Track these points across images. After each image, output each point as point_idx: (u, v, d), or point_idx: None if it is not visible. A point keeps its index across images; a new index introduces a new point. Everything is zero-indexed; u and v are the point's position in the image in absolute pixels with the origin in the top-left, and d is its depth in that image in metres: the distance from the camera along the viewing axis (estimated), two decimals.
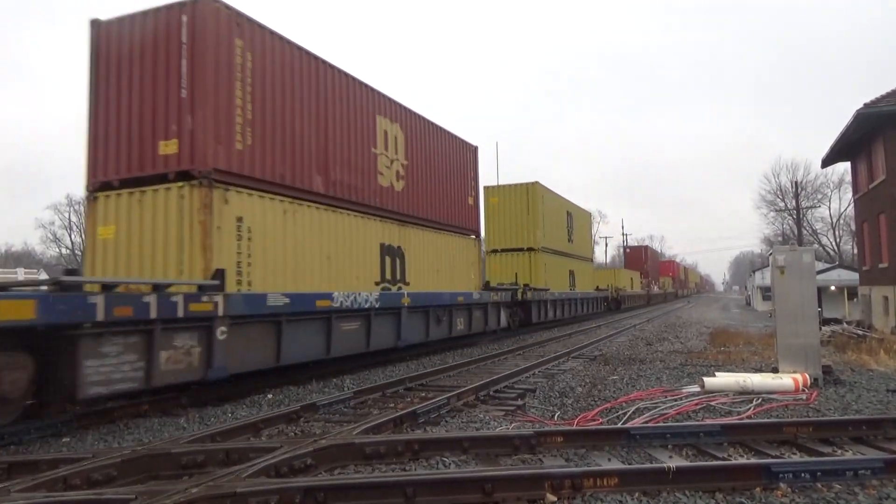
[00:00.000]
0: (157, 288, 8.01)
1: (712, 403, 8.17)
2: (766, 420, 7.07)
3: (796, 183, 53.29)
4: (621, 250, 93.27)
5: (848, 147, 24.24)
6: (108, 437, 7.24)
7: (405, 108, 14.92)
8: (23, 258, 76.91)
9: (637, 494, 4.61)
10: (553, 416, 7.82)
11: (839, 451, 5.96)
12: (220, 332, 8.74)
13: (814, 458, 5.54)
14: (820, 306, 16.20)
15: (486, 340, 19.13)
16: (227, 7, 9.55)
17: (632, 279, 51.13)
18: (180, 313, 8.06)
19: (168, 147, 9.21)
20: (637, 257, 62.28)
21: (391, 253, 13.81)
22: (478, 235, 19.18)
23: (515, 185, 25.39)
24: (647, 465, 5.34)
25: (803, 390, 8.93)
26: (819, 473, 4.87)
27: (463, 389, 9.11)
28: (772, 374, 9.66)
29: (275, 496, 4.22)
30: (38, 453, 6.39)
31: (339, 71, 12.37)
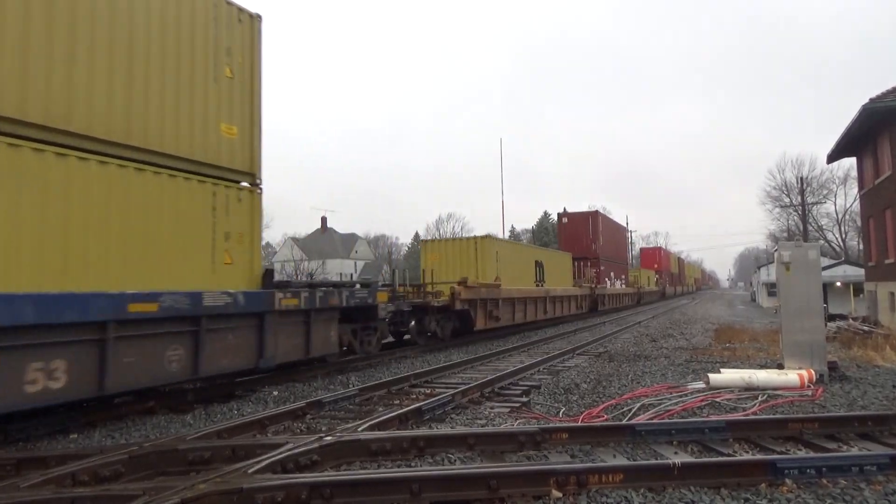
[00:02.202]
0: None
1: (717, 400, 8.17)
2: (771, 416, 7.06)
3: (801, 179, 52.99)
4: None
5: (854, 142, 24.12)
6: (115, 434, 7.29)
7: None
8: None
9: (642, 490, 4.62)
10: (558, 412, 7.83)
11: (845, 447, 5.96)
12: None
13: (819, 454, 5.53)
14: (825, 302, 16.15)
15: None
16: None
17: (541, 269, 25.54)
18: None
19: None
20: (577, 233, 35.63)
21: None
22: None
23: None
24: (652, 462, 5.34)
25: (809, 386, 8.92)
26: (824, 469, 4.86)
27: (468, 386, 9.13)
28: (777, 371, 9.65)
29: (281, 492, 4.24)
30: (47, 450, 6.44)
31: None
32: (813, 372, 9.38)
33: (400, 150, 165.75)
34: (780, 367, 10.14)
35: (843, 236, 66.02)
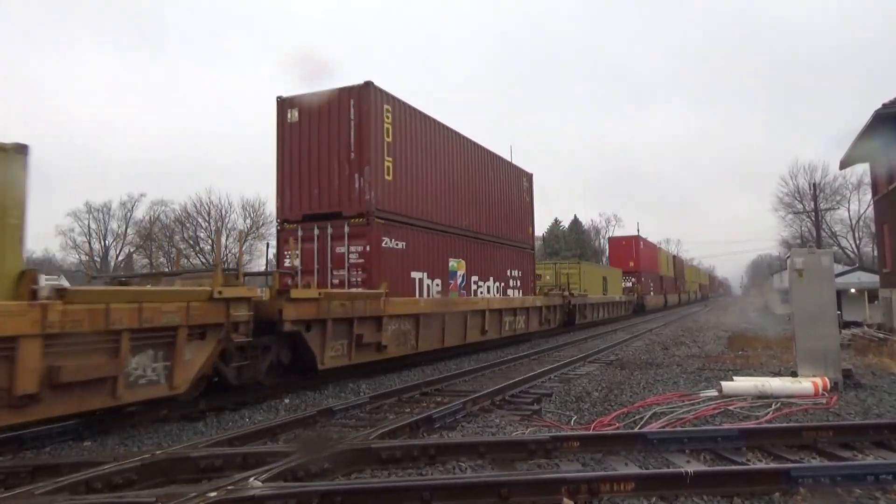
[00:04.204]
0: None
1: (730, 408, 8.10)
2: (785, 424, 7.00)
3: (814, 185, 52.52)
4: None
5: (866, 148, 23.91)
6: (128, 442, 7.34)
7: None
8: (43, 265, 78.02)
9: (654, 499, 4.59)
10: (569, 420, 7.80)
11: (860, 456, 5.89)
12: None
13: (834, 463, 5.48)
14: (839, 309, 15.93)
15: None
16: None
17: None
18: None
19: None
20: (319, 146, 13.33)
21: None
22: None
23: None
24: (664, 470, 5.31)
25: (823, 394, 8.82)
26: (839, 478, 4.81)
27: (479, 394, 9.12)
28: (791, 378, 9.56)
29: (292, 500, 4.25)
30: (60, 457, 6.51)
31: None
32: (827, 380, 9.27)
33: None
34: (794, 374, 10.04)
35: (858, 242, 65.44)
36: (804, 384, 8.98)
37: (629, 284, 41.50)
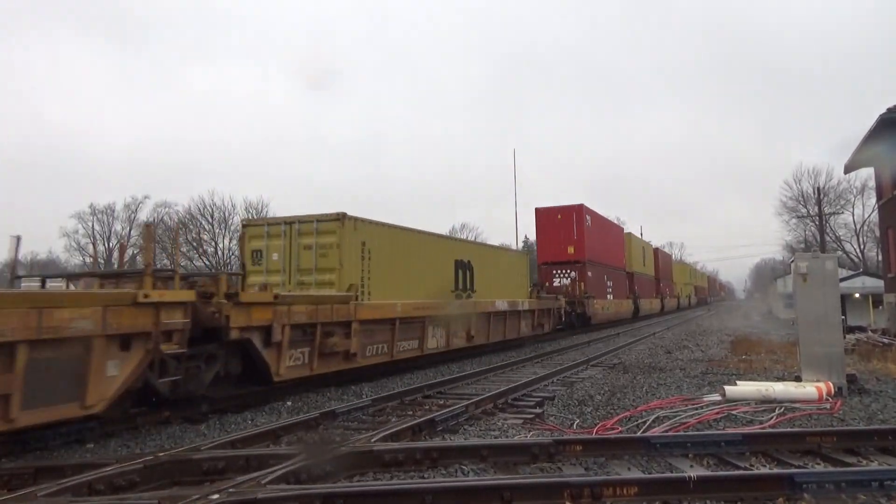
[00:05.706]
0: None
1: (734, 412, 8.08)
2: (788, 429, 6.97)
3: (818, 189, 52.41)
4: None
5: (871, 152, 23.83)
6: (130, 444, 7.35)
7: None
8: (49, 266, 78.11)
9: None
10: (572, 424, 7.78)
11: (864, 462, 5.86)
12: None
13: (838, 469, 5.46)
14: (844, 314, 15.88)
15: None
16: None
17: None
18: None
19: None
20: None
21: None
22: None
23: None
24: (668, 475, 5.30)
25: (827, 399, 8.79)
26: (843, 484, 4.79)
27: (481, 397, 9.11)
28: (795, 383, 9.53)
29: (294, 502, 4.25)
30: (64, 458, 6.51)
31: None
32: (831, 385, 9.24)
33: (392, 163, 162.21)
34: (798, 379, 10.01)
35: (862, 247, 65.14)
36: (808, 389, 8.95)
37: (565, 282, 26.76)
